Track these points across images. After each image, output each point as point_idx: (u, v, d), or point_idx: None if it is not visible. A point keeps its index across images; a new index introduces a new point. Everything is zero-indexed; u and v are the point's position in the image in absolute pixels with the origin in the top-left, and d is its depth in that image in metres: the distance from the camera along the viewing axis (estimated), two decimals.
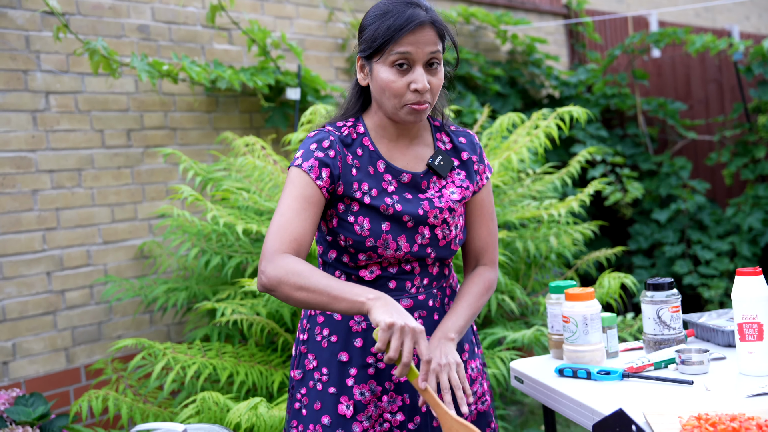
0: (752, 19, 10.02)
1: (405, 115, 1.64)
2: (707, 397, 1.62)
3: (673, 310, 1.94)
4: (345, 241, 1.65)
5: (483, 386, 1.83)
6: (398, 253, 1.66)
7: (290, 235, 1.56)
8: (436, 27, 1.63)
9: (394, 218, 1.65)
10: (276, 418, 2.43)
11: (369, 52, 1.63)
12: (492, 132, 3.60)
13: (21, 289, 3.28)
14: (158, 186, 3.75)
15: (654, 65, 6.02)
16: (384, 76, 1.61)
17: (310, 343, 1.73)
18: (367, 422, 1.67)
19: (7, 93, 3.28)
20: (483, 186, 1.79)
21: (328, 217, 1.68)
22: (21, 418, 2.87)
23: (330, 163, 1.63)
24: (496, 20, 5.35)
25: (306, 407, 1.70)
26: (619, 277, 3.18)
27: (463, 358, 1.78)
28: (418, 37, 1.59)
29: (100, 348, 3.52)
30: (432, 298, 1.73)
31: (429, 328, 1.71)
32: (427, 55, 1.61)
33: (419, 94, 1.61)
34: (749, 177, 5.16)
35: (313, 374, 1.71)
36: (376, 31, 1.61)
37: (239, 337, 3.26)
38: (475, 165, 1.79)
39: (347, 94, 1.78)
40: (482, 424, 1.80)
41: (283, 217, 1.58)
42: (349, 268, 1.69)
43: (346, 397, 1.67)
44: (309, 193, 1.61)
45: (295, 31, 4.37)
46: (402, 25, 1.59)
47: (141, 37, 3.72)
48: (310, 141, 1.67)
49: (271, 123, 4.09)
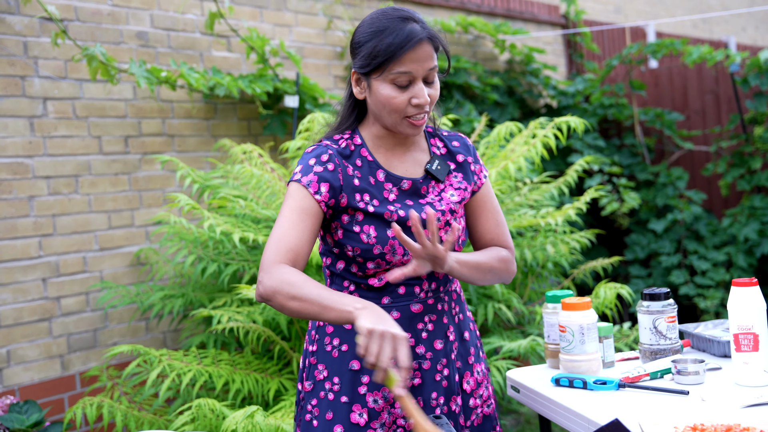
0: (749, 30, 10.07)
1: (406, 128, 1.68)
2: (703, 408, 1.62)
3: (669, 320, 1.94)
4: (353, 251, 1.67)
5: (488, 390, 1.85)
6: (405, 258, 1.67)
7: (286, 246, 1.58)
8: (433, 42, 1.65)
9: (399, 224, 1.67)
10: (272, 426, 2.43)
11: (368, 69, 1.65)
12: (489, 141, 3.60)
13: (16, 295, 3.27)
14: (155, 193, 3.75)
15: (651, 76, 6.04)
16: (385, 92, 1.64)
17: (320, 353, 1.74)
18: (380, 429, 1.68)
19: (4, 99, 3.28)
20: (482, 185, 1.82)
21: (333, 229, 1.69)
22: (15, 426, 2.86)
23: (330, 177, 1.65)
24: (495, 30, 5.37)
25: (317, 418, 1.71)
26: (615, 288, 3.18)
27: (469, 362, 1.80)
28: (418, 54, 1.62)
29: (95, 355, 3.51)
30: (440, 302, 1.75)
31: (439, 332, 1.73)
32: (426, 71, 1.64)
33: (420, 108, 1.65)
34: (745, 188, 5.17)
35: (324, 384, 1.71)
36: (374, 49, 1.62)
37: (235, 345, 3.26)
38: (471, 166, 1.82)
39: (341, 108, 1.79)
40: (487, 427, 1.82)
41: (281, 228, 1.61)
42: (357, 277, 1.70)
43: (359, 405, 1.68)
44: (306, 205, 1.63)
45: (293, 39, 4.38)
46: (402, 44, 1.60)
47: (139, 43, 3.72)
48: (309, 156, 1.68)
49: (269, 130, 4.09)
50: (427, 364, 1.71)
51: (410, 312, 1.70)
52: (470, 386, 1.79)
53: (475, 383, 1.80)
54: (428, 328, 1.72)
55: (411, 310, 1.70)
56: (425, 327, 1.72)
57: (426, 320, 1.72)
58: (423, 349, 1.72)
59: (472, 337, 1.84)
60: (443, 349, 1.74)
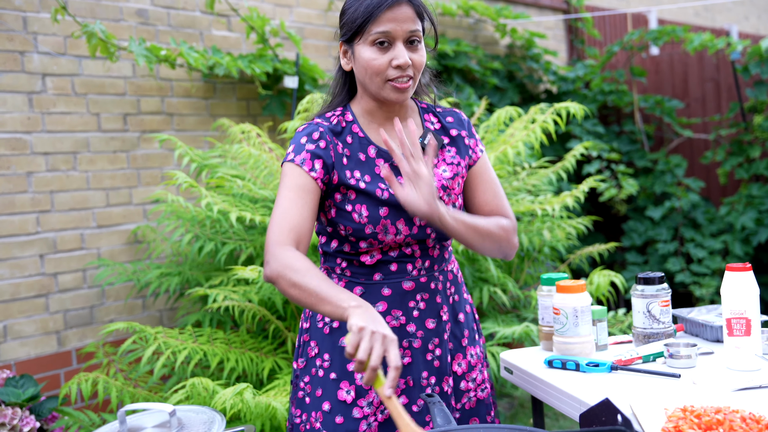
0: (751, 19, 10.03)
1: (389, 93, 1.66)
2: (694, 391, 1.63)
3: (662, 304, 1.95)
4: (345, 230, 1.67)
5: (483, 374, 1.84)
6: (398, 237, 1.67)
7: (288, 225, 1.58)
8: (414, 4, 1.65)
9: (390, 203, 1.66)
10: (262, 405, 2.44)
11: (350, 34, 1.66)
12: (489, 125, 3.60)
13: (14, 270, 3.28)
14: (153, 171, 3.75)
15: (652, 63, 6.03)
16: (366, 55, 1.64)
17: (312, 330, 1.74)
18: (368, 408, 1.68)
19: (3, 74, 3.27)
20: (478, 159, 1.80)
21: (326, 208, 1.69)
22: (11, 399, 2.87)
23: (322, 153, 1.65)
24: (496, 14, 5.35)
25: (309, 395, 1.72)
26: (608, 275, 3.19)
27: (462, 344, 1.80)
28: (396, 14, 1.62)
29: (91, 332, 3.52)
30: (434, 281, 1.74)
31: (432, 311, 1.73)
32: (407, 33, 1.63)
33: (401, 69, 1.63)
34: (743, 176, 5.17)
35: (315, 361, 1.72)
36: (354, 13, 1.64)
37: (231, 324, 3.27)
38: (465, 140, 1.80)
39: (332, 83, 1.80)
40: (482, 412, 1.81)
41: (280, 208, 1.60)
42: (350, 255, 1.70)
43: (347, 382, 1.68)
44: (303, 182, 1.62)
45: (294, 20, 4.37)
46: (379, 3, 1.61)
47: (139, 21, 3.71)
48: (300, 135, 1.68)
49: (268, 111, 4.09)
50: (417, 342, 1.71)
51: (402, 289, 1.70)
52: (462, 369, 1.79)
53: (467, 366, 1.79)
54: (420, 307, 1.72)
55: (403, 287, 1.70)
56: (417, 305, 1.72)
57: (418, 298, 1.72)
58: (414, 328, 1.71)
59: (468, 319, 1.83)
60: (435, 328, 1.74)
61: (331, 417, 1.68)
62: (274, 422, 2.60)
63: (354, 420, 1.67)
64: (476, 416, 1.81)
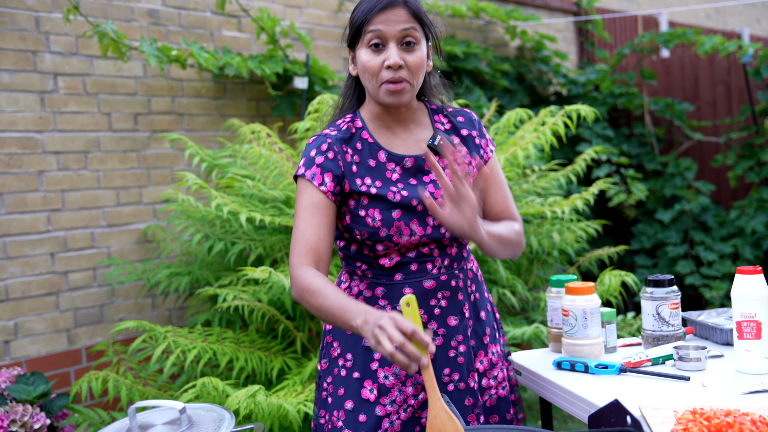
0: (763, 22, 9.99)
1: (384, 96, 1.67)
2: (703, 394, 1.63)
3: (672, 306, 1.95)
4: (360, 234, 1.69)
5: (503, 372, 1.84)
6: (413, 239, 1.68)
7: (306, 245, 1.62)
8: (409, 6, 1.66)
9: (403, 205, 1.67)
10: (274, 406, 2.45)
11: (351, 39, 1.70)
12: (499, 127, 3.60)
13: (25, 268, 3.30)
14: (164, 171, 3.77)
15: (663, 65, 6.01)
16: (362, 57, 1.67)
17: (335, 331, 1.77)
18: (390, 406, 1.69)
19: (15, 73, 3.29)
20: (489, 159, 1.82)
21: (342, 215, 1.72)
22: (21, 396, 2.89)
23: (331, 166, 1.67)
24: (506, 16, 5.35)
25: (331, 395, 1.74)
26: (620, 275, 3.18)
27: (484, 341, 1.80)
28: (388, 15, 1.64)
29: (101, 330, 3.54)
30: (455, 278, 1.75)
31: (454, 308, 1.74)
32: (399, 33, 1.64)
33: (392, 70, 1.64)
34: (754, 180, 5.15)
35: (338, 361, 1.74)
36: (354, 16, 1.69)
37: (240, 323, 3.28)
38: (476, 140, 1.81)
39: (342, 89, 1.82)
40: (503, 409, 1.82)
41: (298, 229, 1.65)
42: (369, 258, 1.72)
43: (370, 381, 1.70)
44: (315, 199, 1.65)
45: (304, 20, 4.38)
46: (374, 5, 1.65)
47: (150, 21, 3.72)
48: (310, 148, 1.71)
49: (278, 111, 4.10)
50: (439, 340, 1.72)
51: (423, 288, 1.71)
52: (483, 366, 1.80)
53: (488, 363, 1.81)
54: (441, 305, 1.73)
55: (423, 286, 1.71)
56: (438, 303, 1.73)
57: (439, 296, 1.73)
58: (435, 326, 1.72)
59: (489, 317, 1.84)
60: (458, 325, 1.74)
61: (354, 415, 1.69)
62: (284, 423, 2.60)
63: (377, 418, 1.68)
64: (497, 413, 1.82)
